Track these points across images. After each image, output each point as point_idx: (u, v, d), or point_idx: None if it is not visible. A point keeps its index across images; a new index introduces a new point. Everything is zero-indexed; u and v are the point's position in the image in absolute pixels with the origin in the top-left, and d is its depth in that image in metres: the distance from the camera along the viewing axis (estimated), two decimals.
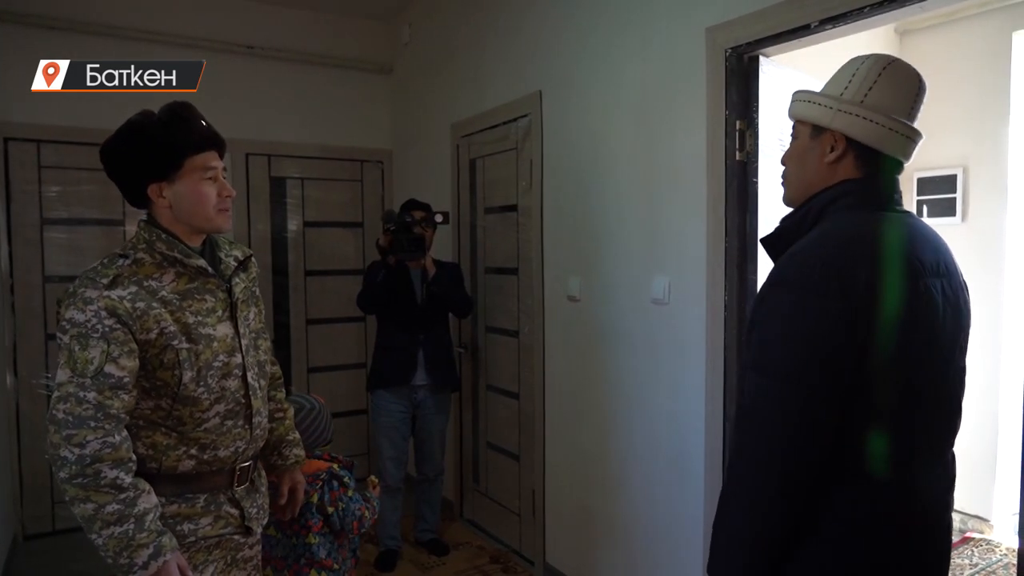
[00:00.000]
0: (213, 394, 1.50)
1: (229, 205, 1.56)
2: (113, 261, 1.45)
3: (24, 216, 3.55)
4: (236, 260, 1.64)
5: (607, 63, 2.70)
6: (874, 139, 1.23)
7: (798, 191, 1.31)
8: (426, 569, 3.25)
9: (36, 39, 3.47)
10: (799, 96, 1.32)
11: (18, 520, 3.55)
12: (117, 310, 1.39)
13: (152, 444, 1.47)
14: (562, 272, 3.00)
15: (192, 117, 1.51)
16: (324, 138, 4.27)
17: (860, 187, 1.24)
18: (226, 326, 1.55)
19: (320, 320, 4.35)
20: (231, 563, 1.62)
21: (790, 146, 1.34)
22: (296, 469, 1.85)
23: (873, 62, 1.25)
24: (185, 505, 1.50)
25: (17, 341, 3.54)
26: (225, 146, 1.57)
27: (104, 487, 1.35)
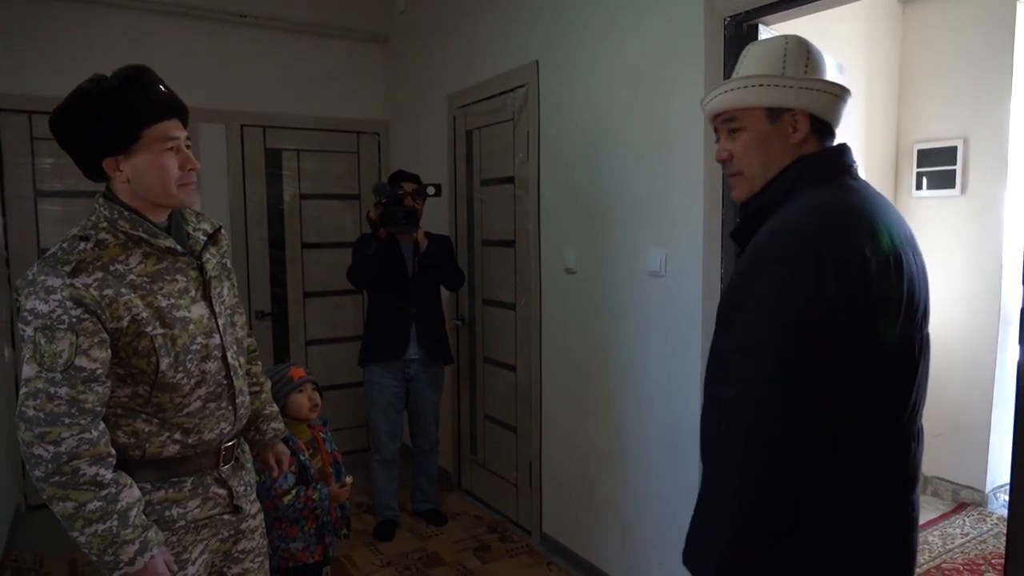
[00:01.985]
0: (193, 378, 1.44)
1: (194, 179, 1.43)
2: (74, 245, 1.33)
3: (17, 188, 3.52)
4: (205, 234, 1.54)
5: (604, 32, 2.66)
6: (830, 110, 1.24)
7: (764, 180, 1.26)
8: (424, 539, 3.29)
9: (24, 9, 3.42)
10: (734, 84, 1.25)
11: (20, 491, 3.59)
12: (84, 299, 1.29)
13: (133, 432, 1.41)
14: (559, 244, 2.99)
15: (149, 82, 1.38)
16: (319, 109, 4.23)
17: (824, 159, 1.24)
18: (201, 307, 1.47)
19: (317, 293, 4.34)
20: (238, 535, 1.60)
21: (741, 139, 1.26)
22: (276, 442, 1.82)
23: (795, 41, 1.26)
24: (172, 490, 1.45)
25: (14, 314, 3.54)
26: (187, 113, 1.43)
27: (84, 485, 1.29)
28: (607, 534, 2.81)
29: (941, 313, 3.75)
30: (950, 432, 3.65)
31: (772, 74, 1.23)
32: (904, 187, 3.88)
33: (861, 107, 3.68)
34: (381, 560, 3.08)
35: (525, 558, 3.11)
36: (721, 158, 1.31)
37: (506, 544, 3.24)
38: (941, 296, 3.75)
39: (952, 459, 3.69)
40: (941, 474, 3.75)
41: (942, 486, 3.75)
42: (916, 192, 3.81)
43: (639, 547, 2.63)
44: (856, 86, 3.58)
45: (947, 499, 3.72)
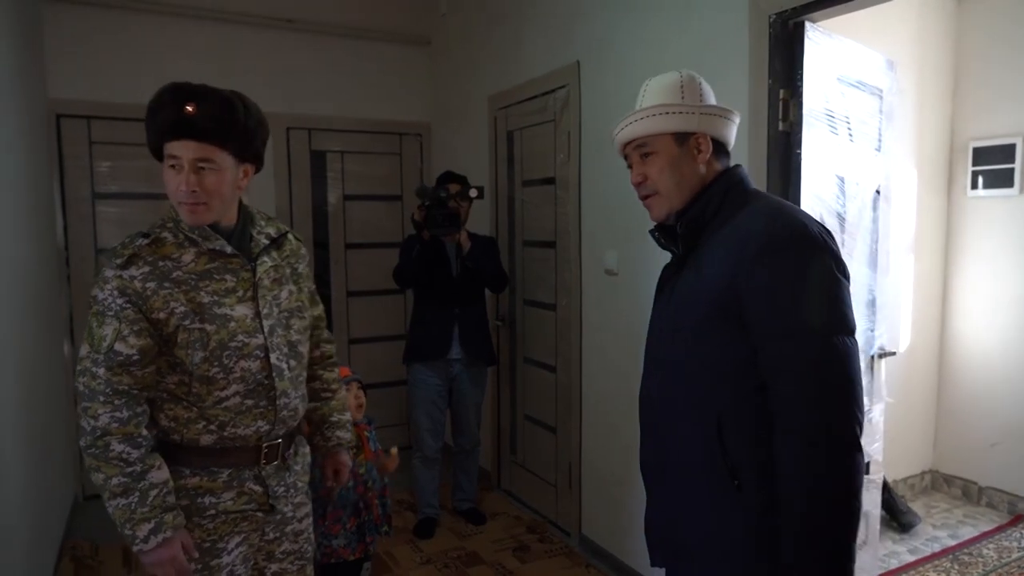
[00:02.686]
0: (230, 374, 1.48)
1: (191, 200, 1.43)
2: (133, 240, 1.45)
3: (77, 191, 3.66)
4: (268, 238, 1.60)
5: (647, 32, 2.64)
6: (726, 132, 1.43)
7: (680, 197, 1.40)
8: (464, 537, 3.32)
9: (81, 17, 3.55)
10: (643, 115, 1.40)
11: (78, 481, 3.73)
12: (127, 290, 1.41)
13: (174, 417, 1.49)
14: (600, 246, 2.98)
15: (171, 101, 1.41)
16: (363, 111, 4.29)
17: (741, 174, 1.42)
18: (246, 307, 1.51)
19: (360, 292, 4.41)
20: (281, 537, 1.64)
21: (655, 163, 1.40)
22: (339, 451, 1.84)
23: (688, 74, 1.43)
24: (207, 478, 1.51)
25: (73, 311, 3.68)
26: (203, 133, 1.42)
27: (112, 460, 1.40)
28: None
29: (997, 317, 3.63)
30: (1006, 441, 3.53)
31: (675, 103, 1.39)
32: (958, 186, 3.76)
33: (912, 104, 3.58)
34: (421, 557, 3.12)
35: (564, 559, 3.11)
36: (636, 181, 1.44)
37: (545, 545, 3.24)
38: (999, 300, 3.62)
39: (1009, 469, 3.56)
40: (997, 484, 3.62)
41: (997, 497, 3.62)
42: (971, 192, 3.69)
43: None
44: (907, 82, 3.49)
45: (1003, 510, 3.59)
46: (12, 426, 2.25)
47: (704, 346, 1.32)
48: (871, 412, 2.59)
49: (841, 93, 2.31)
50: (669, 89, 1.41)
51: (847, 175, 2.38)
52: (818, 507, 1.18)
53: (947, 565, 3.06)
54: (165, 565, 1.43)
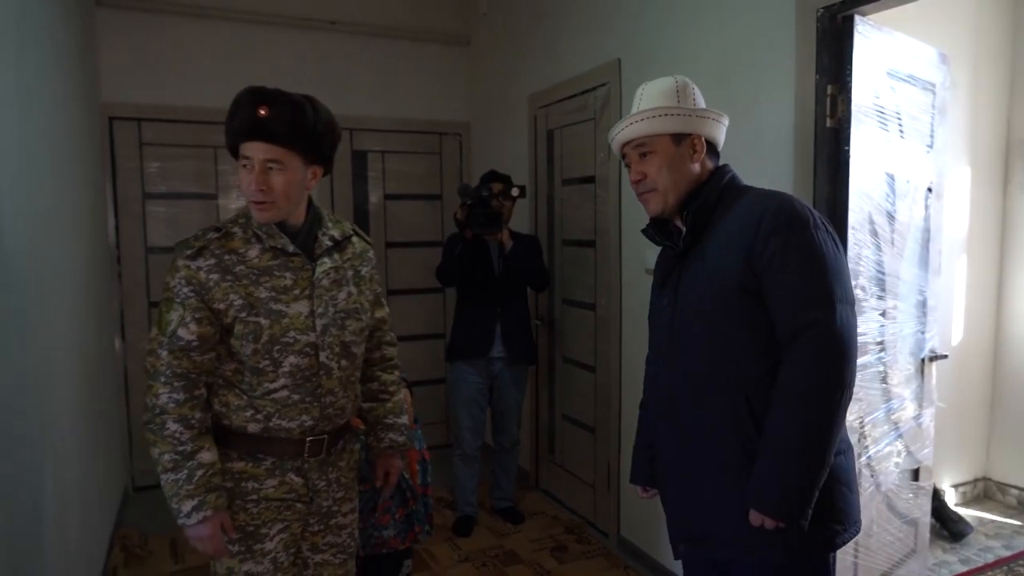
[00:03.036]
0: (279, 368, 1.54)
1: (260, 199, 1.50)
2: (205, 233, 1.53)
3: (127, 191, 3.77)
4: (332, 240, 1.65)
5: (689, 28, 2.60)
6: (717, 134, 1.56)
7: (676, 194, 1.52)
8: (502, 536, 3.32)
9: (131, 22, 3.65)
10: (642, 116, 1.50)
11: (128, 473, 3.84)
12: (193, 280, 1.49)
13: (225, 402, 1.57)
14: (640, 245, 2.95)
15: (247, 104, 1.48)
16: (404, 111, 4.33)
17: (731, 171, 1.56)
18: (302, 305, 1.56)
19: (400, 291, 4.45)
20: (325, 530, 1.70)
21: (653, 161, 1.51)
22: (391, 454, 1.87)
23: (682, 80, 1.55)
24: (252, 464, 1.58)
25: (124, 308, 3.79)
26: (274, 136, 1.48)
27: (166, 437, 1.48)
28: None
29: None
30: None
31: (673, 106, 1.50)
32: (1014, 183, 3.62)
33: (966, 99, 3.47)
34: (459, 555, 3.13)
35: (602, 560, 3.09)
36: (635, 179, 1.55)
37: (583, 546, 3.23)
38: None
39: None
40: None
41: None
42: None
43: None
44: (961, 77, 3.37)
45: None
46: (70, 420, 2.32)
47: (725, 328, 1.42)
48: (922, 418, 2.52)
49: (891, 88, 2.24)
50: (666, 93, 1.53)
51: (897, 172, 2.31)
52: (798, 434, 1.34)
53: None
54: (204, 541, 1.51)
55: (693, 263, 1.49)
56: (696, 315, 1.47)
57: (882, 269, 2.26)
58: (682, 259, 1.53)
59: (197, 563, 3.01)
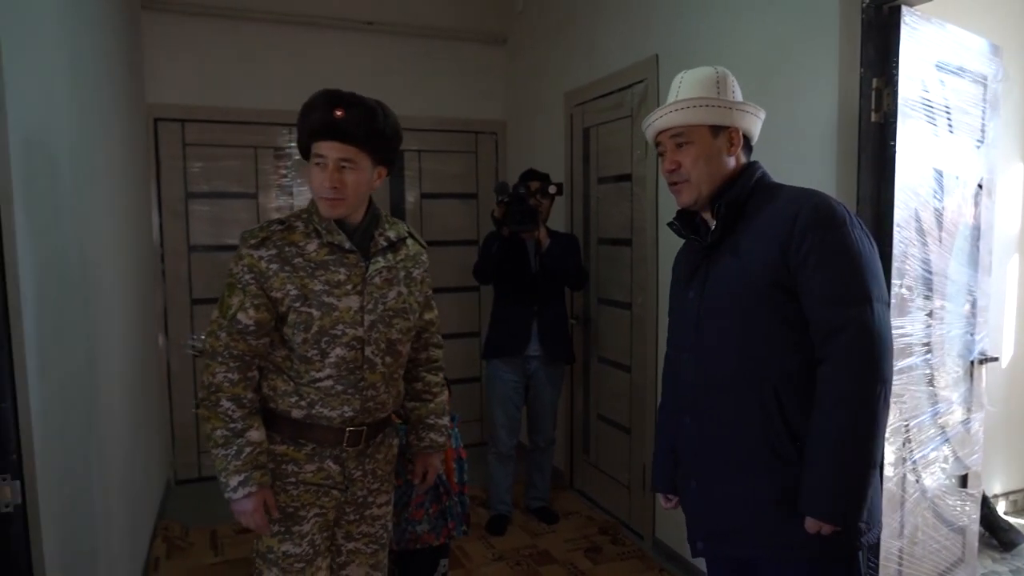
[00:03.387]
0: (326, 358, 1.60)
1: (332, 195, 1.57)
2: (269, 225, 1.62)
3: (171, 190, 3.86)
4: (387, 240, 1.71)
5: (728, 22, 2.56)
6: (754, 128, 1.55)
7: (709, 186, 1.50)
8: (536, 536, 3.31)
9: (174, 25, 3.74)
10: (686, 104, 1.48)
11: (171, 466, 3.93)
12: (254, 268, 1.57)
13: (273, 387, 1.65)
14: (676, 244, 2.89)
15: (320, 105, 1.55)
16: (440, 110, 4.35)
17: (762, 167, 1.54)
18: (353, 299, 1.62)
19: (436, 289, 4.43)
20: (360, 520, 1.76)
21: (690, 152, 1.49)
22: (431, 454, 1.93)
23: (723, 71, 1.53)
24: (293, 448, 1.65)
25: (167, 306, 3.88)
26: (349, 136, 1.55)
27: (219, 414, 1.57)
28: None
29: None
30: None
31: (714, 97, 1.48)
32: None
33: (1020, 92, 3.34)
34: (493, 554, 3.13)
35: (636, 562, 3.06)
36: (670, 168, 1.52)
37: (617, 547, 3.20)
38: None
39: None
40: None
41: None
42: None
43: None
44: (1014, 69, 3.25)
45: None
46: (116, 416, 2.38)
47: (755, 322, 1.41)
48: (971, 422, 2.44)
49: (940, 81, 2.17)
50: (705, 83, 1.51)
51: (946, 168, 2.24)
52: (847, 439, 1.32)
53: None
54: (247, 515, 1.58)
55: (723, 256, 1.48)
56: (726, 308, 1.46)
57: (929, 268, 2.19)
58: (710, 253, 1.51)
59: (236, 556, 3.07)
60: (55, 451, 1.56)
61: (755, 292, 1.40)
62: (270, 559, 1.66)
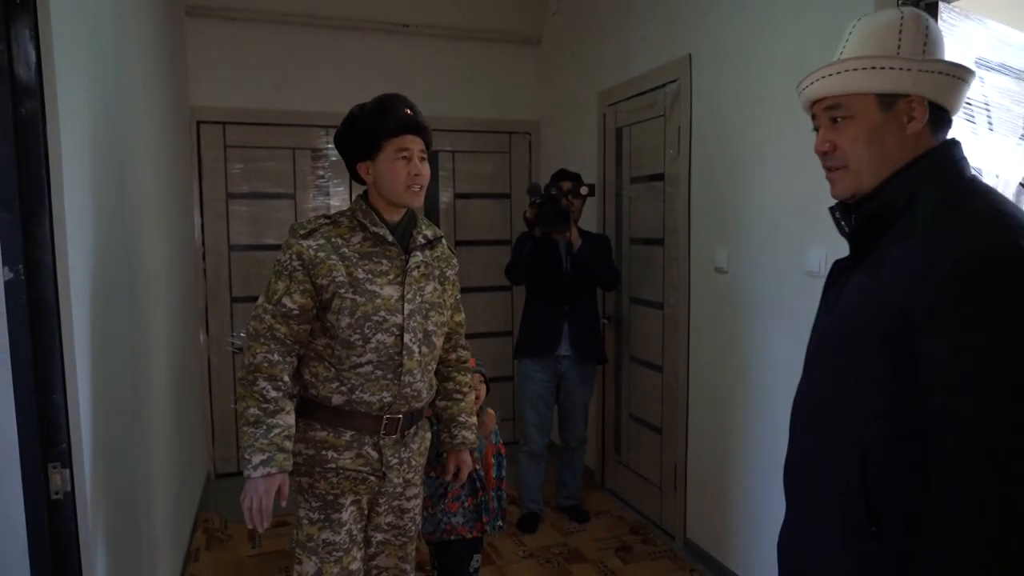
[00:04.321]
0: (368, 343, 1.68)
1: (418, 183, 1.72)
2: (318, 219, 1.73)
3: (213, 191, 3.96)
4: (425, 238, 1.82)
5: (762, 21, 2.54)
6: (952, 97, 1.10)
7: (874, 176, 1.12)
8: (567, 534, 3.33)
9: (217, 30, 3.84)
10: (842, 67, 1.11)
11: (211, 460, 4.04)
12: (303, 255, 1.66)
13: (315, 373, 1.72)
14: (710, 243, 2.90)
15: (394, 107, 1.70)
16: (474, 111, 4.38)
17: (954, 155, 1.10)
18: (394, 288, 1.72)
19: (469, 289, 4.47)
20: (388, 510, 1.84)
21: (849, 129, 1.13)
22: (463, 450, 2.00)
23: (913, 15, 1.11)
24: (333, 434, 1.71)
25: (208, 303, 3.99)
26: (426, 132, 1.75)
27: (255, 392, 1.63)
28: (755, 544, 2.69)
29: None
30: None
31: (886, 55, 1.09)
32: None
33: None
34: (523, 551, 3.15)
35: (667, 563, 3.05)
36: (822, 150, 1.17)
37: (648, 547, 3.19)
38: None
39: None
40: None
41: None
42: None
43: None
44: None
45: None
46: (159, 410, 2.47)
47: (856, 370, 1.10)
48: None
49: (980, 78, 2.13)
50: (882, 34, 1.11)
51: (985, 166, 2.19)
52: None
53: None
54: (258, 494, 1.59)
55: (861, 276, 1.12)
56: (836, 339, 1.16)
57: None
58: (855, 264, 1.15)
59: (274, 548, 3.15)
60: (102, 442, 1.62)
61: (867, 334, 1.07)
62: (309, 547, 1.72)
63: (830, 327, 1.19)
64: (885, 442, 1.06)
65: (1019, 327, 0.93)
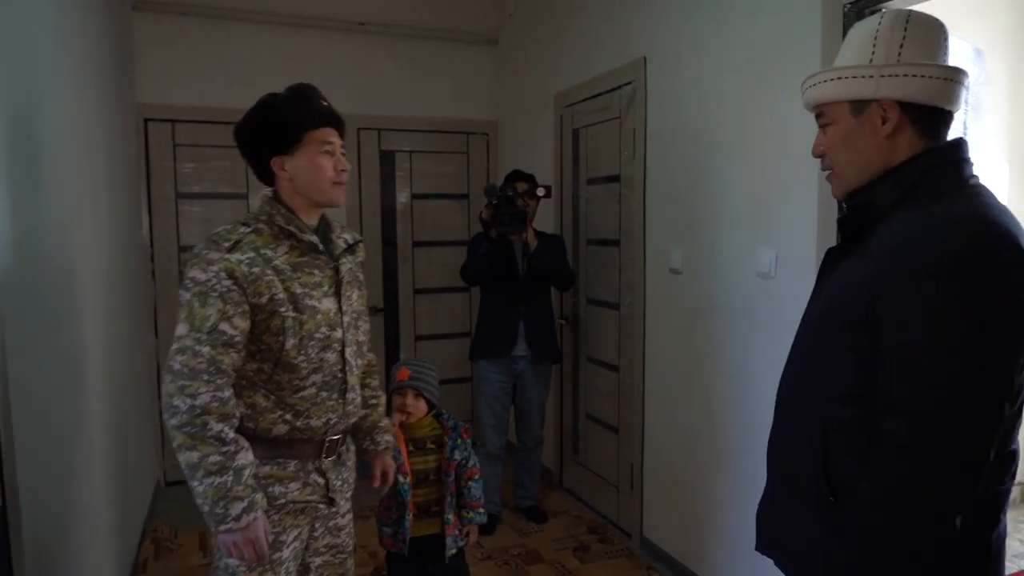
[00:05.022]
0: (312, 364, 1.56)
1: (344, 179, 1.62)
2: (236, 228, 1.54)
3: (161, 191, 3.86)
4: (346, 243, 1.71)
5: (714, 25, 2.57)
6: (930, 94, 1.12)
7: (855, 177, 1.19)
8: (525, 535, 3.32)
9: (166, 26, 3.74)
10: (819, 79, 1.20)
11: (160, 468, 3.93)
12: (235, 272, 1.47)
13: (252, 404, 1.55)
14: (664, 244, 2.93)
15: (312, 96, 1.59)
16: (431, 111, 4.35)
17: (950, 157, 1.14)
18: (331, 301, 1.60)
19: (427, 290, 4.48)
20: (325, 532, 1.71)
21: (826, 135, 1.22)
22: (387, 454, 1.91)
23: (892, 18, 1.15)
24: (277, 468, 1.57)
25: (158, 305, 3.88)
26: (344, 125, 1.64)
27: (209, 438, 1.42)
28: (711, 542, 2.72)
29: None
30: None
31: (852, 64, 1.16)
32: None
33: (1004, 95, 3.37)
34: (481, 553, 3.14)
35: (624, 561, 3.07)
36: (815, 154, 1.27)
37: (606, 546, 3.21)
38: None
39: None
40: None
41: None
42: None
43: (744, 557, 2.53)
44: (998, 72, 3.28)
45: None
46: (102, 417, 2.38)
47: (828, 350, 1.17)
48: None
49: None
50: (861, 41, 1.17)
51: None
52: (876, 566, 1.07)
53: None
54: (249, 545, 1.46)
55: (850, 262, 1.18)
56: (817, 322, 1.24)
57: None
58: (845, 255, 1.21)
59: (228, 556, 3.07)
60: (37, 453, 1.56)
61: (840, 319, 1.15)
62: None
63: (815, 310, 1.27)
64: (845, 421, 1.14)
65: (979, 328, 0.98)
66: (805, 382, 1.24)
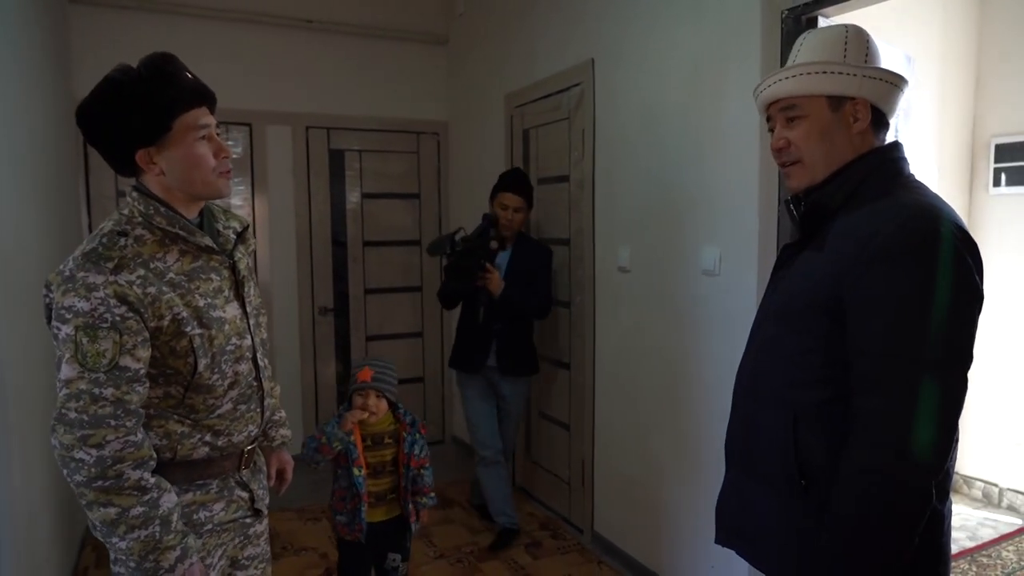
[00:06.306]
0: (227, 380, 1.39)
1: (229, 166, 1.39)
2: (114, 241, 1.27)
3: (101, 187, 3.74)
4: (234, 232, 1.50)
5: (659, 28, 2.64)
6: (889, 101, 1.26)
7: (824, 169, 1.26)
8: (477, 533, 3.34)
9: (104, 19, 3.63)
10: (797, 71, 1.24)
11: None
12: (128, 297, 1.24)
13: (166, 433, 1.35)
14: (613, 243, 2.98)
15: (177, 70, 1.32)
16: (381, 110, 4.33)
17: (894, 155, 1.26)
18: (234, 307, 1.42)
19: (378, 290, 4.45)
20: (244, 541, 1.54)
21: (802, 127, 1.26)
22: (283, 450, 1.74)
23: (855, 29, 1.26)
24: (200, 492, 1.41)
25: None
26: (215, 100, 1.38)
27: (127, 489, 1.23)
28: (659, 535, 2.79)
29: (1019, 315, 3.57)
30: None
31: (835, 61, 1.23)
32: (980, 183, 3.70)
33: (933, 100, 3.53)
34: (434, 552, 3.14)
35: (576, 556, 3.11)
36: (778, 146, 1.30)
37: (558, 541, 3.25)
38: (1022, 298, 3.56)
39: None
40: (1019, 487, 3.57)
41: (1019, 499, 3.56)
42: (994, 189, 3.63)
43: (691, 549, 2.60)
44: (927, 77, 3.44)
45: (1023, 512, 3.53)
46: (37, 424, 2.30)
47: (794, 339, 1.24)
48: None
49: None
50: (830, 44, 1.25)
51: None
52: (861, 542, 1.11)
53: (965, 567, 3.02)
54: None
55: (809, 253, 1.25)
56: (780, 311, 1.29)
57: None
58: (802, 248, 1.29)
59: None
60: None
61: (806, 306, 1.22)
62: None
63: (772, 303, 1.33)
64: (814, 406, 1.20)
65: (932, 301, 1.07)
66: (768, 371, 1.30)
